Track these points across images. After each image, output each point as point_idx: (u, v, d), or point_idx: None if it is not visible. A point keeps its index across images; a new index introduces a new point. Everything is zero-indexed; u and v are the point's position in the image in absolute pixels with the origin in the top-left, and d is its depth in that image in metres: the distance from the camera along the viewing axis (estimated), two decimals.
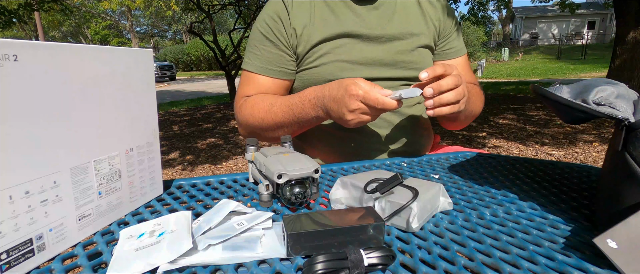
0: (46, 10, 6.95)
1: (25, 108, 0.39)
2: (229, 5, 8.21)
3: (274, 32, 0.90)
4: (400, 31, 0.91)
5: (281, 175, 0.54)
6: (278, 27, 0.89)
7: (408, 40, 0.91)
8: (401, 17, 0.92)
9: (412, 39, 0.92)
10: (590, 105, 0.43)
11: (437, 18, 0.96)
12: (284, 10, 0.89)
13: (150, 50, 0.58)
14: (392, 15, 0.92)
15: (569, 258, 0.43)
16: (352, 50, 0.88)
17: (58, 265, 0.43)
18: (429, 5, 0.96)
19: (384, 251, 0.40)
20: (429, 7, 0.96)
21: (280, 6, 0.90)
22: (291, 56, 0.91)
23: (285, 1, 0.90)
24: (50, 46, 0.41)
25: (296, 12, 0.89)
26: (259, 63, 0.91)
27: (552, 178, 0.71)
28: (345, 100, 0.68)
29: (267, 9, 0.92)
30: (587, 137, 3.92)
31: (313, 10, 0.90)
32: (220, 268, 0.42)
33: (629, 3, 4.68)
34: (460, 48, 1.01)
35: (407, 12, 0.94)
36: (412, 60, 0.91)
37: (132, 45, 28.00)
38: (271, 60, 0.91)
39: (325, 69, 0.88)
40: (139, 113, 0.56)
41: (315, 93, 0.77)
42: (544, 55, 19.52)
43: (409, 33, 0.91)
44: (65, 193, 0.45)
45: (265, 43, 0.91)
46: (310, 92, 0.79)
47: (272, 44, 0.90)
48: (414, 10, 0.95)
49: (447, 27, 0.98)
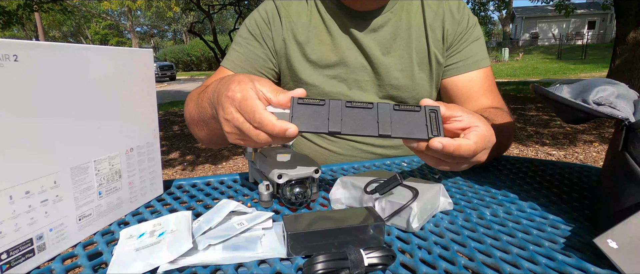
0: (46, 10, 6.95)
1: (25, 108, 0.39)
2: (229, 5, 8.21)
3: (261, 33, 0.84)
4: (399, 60, 0.83)
5: (281, 175, 0.54)
6: (266, 30, 0.84)
7: (406, 72, 0.84)
8: (403, 41, 0.83)
9: (410, 70, 0.83)
10: (591, 105, 0.43)
11: (440, 26, 0.83)
12: (277, 18, 0.83)
13: (151, 50, 0.58)
14: (393, 40, 0.83)
15: (569, 258, 0.43)
16: (345, 76, 0.84)
17: (58, 265, 0.43)
18: (435, 17, 0.83)
19: (384, 251, 0.40)
20: (435, 19, 0.83)
21: (273, 11, 0.84)
22: (273, 62, 0.85)
23: (279, 11, 0.84)
24: (50, 46, 0.41)
25: (290, 22, 0.83)
26: (237, 60, 0.84)
27: (552, 178, 0.71)
28: (221, 101, 0.49)
29: (259, 8, 0.87)
30: (587, 136, 3.92)
31: (309, 29, 0.83)
32: (220, 268, 0.42)
33: (629, 3, 4.68)
34: (473, 61, 0.84)
35: (409, 33, 0.83)
36: (406, 85, 0.85)
37: (132, 45, 28.01)
38: (252, 59, 0.84)
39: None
40: (139, 113, 0.56)
41: (217, 83, 0.56)
42: (544, 55, 19.52)
43: (408, 63, 0.83)
44: (66, 193, 0.45)
45: (250, 41, 0.85)
46: (215, 82, 0.58)
47: (258, 43, 0.84)
48: (417, 23, 0.83)
49: (457, 35, 0.84)
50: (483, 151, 0.48)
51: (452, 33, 0.83)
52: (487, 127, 0.49)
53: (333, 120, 0.45)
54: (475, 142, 0.46)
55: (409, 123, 0.46)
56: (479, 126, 0.48)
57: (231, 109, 0.47)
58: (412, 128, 0.45)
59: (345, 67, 0.83)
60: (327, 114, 0.45)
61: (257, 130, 0.45)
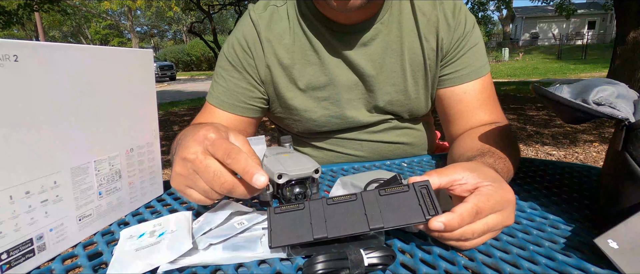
0: (46, 10, 6.96)
1: (25, 109, 0.39)
2: (229, 5, 8.22)
3: (242, 62, 0.77)
4: (391, 74, 0.78)
5: (281, 175, 0.54)
6: (247, 58, 0.77)
7: (399, 86, 0.79)
8: (395, 53, 0.77)
9: (403, 84, 0.79)
10: (591, 105, 0.43)
11: (434, 35, 0.76)
12: (258, 43, 0.76)
13: (151, 50, 0.58)
14: (384, 53, 0.77)
15: (569, 258, 0.43)
16: (337, 97, 0.79)
17: (58, 265, 0.43)
18: (428, 25, 0.76)
19: (384, 251, 0.40)
20: (428, 27, 0.76)
21: (253, 36, 0.76)
22: (261, 90, 0.79)
23: (260, 34, 0.76)
24: (50, 46, 0.41)
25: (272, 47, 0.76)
26: (222, 96, 0.78)
27: (552, 178, 0.71)
28: (185, 141, 0.46)
29: (236, 32, 0.78)
30: (587, 136, 3.91)
31: (294, 50, 0.76)
32: (220, 268, 0.42)
33: (629, 3, 4.68)
34: (468, 72, 0.77)
35: (401, 45, 0.77)
36: (400, 99, 0.80)
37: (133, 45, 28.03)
38: (237, 92, 0.78)
39: None
40: (139, 113, 0.56)
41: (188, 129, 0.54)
42: (544, 55, 19.52)
43: (401, 77, 0.78)
44: (66, 193, 0.45)
45: (231, 72, 0.78)
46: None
47: (239, 74, 0.78)
48: (409, 33, 0.76)
49: (453, 44, 0.77)
50: (500, 211, 0.42)
51: (448, 42, 0.76)
52: (495, 184, 0.43)
53: (316, 224, 0.41)
54: (476, 203, 0.40)
55: (401, 208, 0.41)
56: (487, 185, 0.42)
57: (196, 148, 0.43)
58: (405, 213, 0.41)
59: (335, 87, 0.78)
60: (309, 218, 0.42)
61: (218, 172, 0.42)
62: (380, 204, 0.42)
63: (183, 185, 0.45)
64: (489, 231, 0.42)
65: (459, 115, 0.78)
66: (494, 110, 0.77)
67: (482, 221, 0.41)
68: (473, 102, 0.77)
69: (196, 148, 0.43)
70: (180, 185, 0.45)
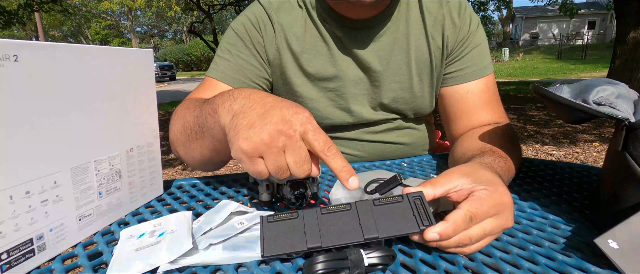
0: (46, 10, 6.95)
1: (25, 109, 0.39)
2: (229, 5, 8.22)
3: (253, 40, 0.76)
4: (397, 72, 0.78)
5: None
6: (257, 37, 0.76)
7: (404, 84, 0.79)
8: (402, 51, 0.78)
9: (409, 81, 0.79)
10: (591, 105, 0.43)
11: (440, 33, 0.77)
12: (269, 24, 0.76)
13: (151, 50, 0.58)
14: (391, 50, 0.78)
15: (569, 258, 0.43)
16: (342, 90, 0.80)
17: (58, 265, 0.43)
18: (434, 23, 0.77)
19: (384, 251, 0.40)
20: (434, 25, 0.77)
21: (264, 17, 0.77)
22: (268, 71, 0.79)
23: (271, 17, 0.76)
24: (50, 46, 0.41)
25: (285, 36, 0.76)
26: (227, 70, 0.76)
27: (552, 178, 0.71)
28: (284, 113, 0.42)
29: (247, 12, 0.79)
30: (587, 136, 3.91)
31: (304, 39, 0.77)
32: (220, 268, 0.42)
33: (630, 3, 4.68)
34: (471, 71, 0.77)
35: (408, 42, 0.77)
36: (404, 97, 0.81)
37: (133, 45, 28.05)
38: (244, 68, 0.76)
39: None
40: (139, 113, 0.56)
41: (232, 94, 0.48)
42: (544, 55, 19.52)
43: (406, 75, 0.78)
44: (66, 193, 0.45)
45: (240, 48, 0.77)
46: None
47: (248, 50, 0.77)
48: (417, 31, 0.77)
49: (457, 42, 0.78)
50: (497, 215, 0.42)
51: (453, 40, 0.77)
52: (489, 188, 0.43)
53: (310, 233, 0.41)
54: (469, 209, 0.41)
55: (395, 218, 0.42)
56: (481, 189, 0.43)
57: (298, 127, 0.41)
58: (399, 223, 0.42)
59: (341, 81, 0.79)
60: (303, 228, 0.42)
61: (307, 158, 0.42)
62: (375, 214, 0.43)
63: (257, 152, 0.41)
64: (486, 235, 0.42)
65: (461, 114, 0.79)
66: (496, 110, 0.77)
67: (479, 226, 0.41)
68: (475, 102, 0.77)
69: (298, 128, 0.42)
70: (255, 151, 0.41)
